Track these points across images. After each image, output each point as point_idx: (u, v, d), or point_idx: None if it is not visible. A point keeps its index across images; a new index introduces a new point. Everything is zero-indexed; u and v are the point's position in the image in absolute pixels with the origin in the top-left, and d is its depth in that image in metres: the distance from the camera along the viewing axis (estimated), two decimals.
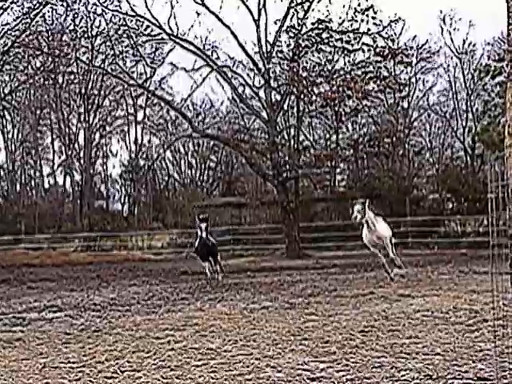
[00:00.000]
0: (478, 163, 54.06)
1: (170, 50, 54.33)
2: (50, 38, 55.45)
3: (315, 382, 10.09)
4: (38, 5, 54.95)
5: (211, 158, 65.01)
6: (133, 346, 13.57)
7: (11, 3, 54.96)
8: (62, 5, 54.77)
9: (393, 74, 49.36)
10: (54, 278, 31.48)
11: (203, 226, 24.57)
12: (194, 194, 60.59)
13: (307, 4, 43.77)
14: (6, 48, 56.20)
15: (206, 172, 66.34)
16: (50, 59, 55.41)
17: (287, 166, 45.04)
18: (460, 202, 45.43)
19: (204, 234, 24.60)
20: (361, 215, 23.08)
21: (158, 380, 10.71)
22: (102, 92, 59.08)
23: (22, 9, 55.16)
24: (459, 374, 10.09)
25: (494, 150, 43.09)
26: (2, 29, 56.75)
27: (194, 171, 66.14)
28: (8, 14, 55.48)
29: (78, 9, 55.54)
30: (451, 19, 59.63)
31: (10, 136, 61.32)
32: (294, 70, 44.42)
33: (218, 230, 27.86)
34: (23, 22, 55.65)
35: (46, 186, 62.28)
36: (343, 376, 10.36)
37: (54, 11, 56.49)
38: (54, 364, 12.35)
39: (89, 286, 26.20)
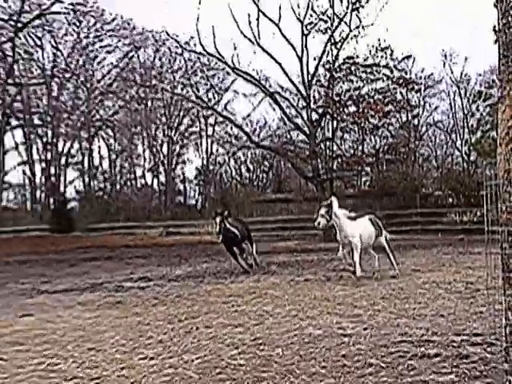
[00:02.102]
0: (473, 167, 53.66)
1: (233, 80, 54.60)
2: (143, 73, 55.95)
3: (346, 338, 10.10)
4: (134, 48, 55.67)
5: (265, 163, 64.93)
6: (205, 309, 13.65)
7: (115, 48, 55.68)
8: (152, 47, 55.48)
9: (406, 98, 49.12)
10: (145, 256, 31.63)
11: (218, 219, 20.89)
12: (251, 192, 60.61)
13: (339, 44, 43.82)
14: (110, 81, 56.84)
15: (261, 174, 66.30)
16: (141, 89, 55.88)
17: (324, 170, 45.01)
18: (458, 197, 45.11)
19: (217, 229, 20.70)
20: (325, 220, 17.43)
21: (225, 335, 10.78)
22: (181, 113, 59.34)
23: (122, 52, 55.90)
24: (458, 331, 10.07)
25: (485, 157, 42.90)
26: (108, 67, 57.53)
27: (251, 174, 66.13)
28: (112, 56, 56.22)
29: (164, 50, 55.98)
30: (451, 55, 59.10)
31: (112, 147, 61.91)
32: (329, 95, 44.41)
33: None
34: (123, 61, 56.28)
35: (139, 185, 62.68)
36: (368, 333, 10.37)
37: (146, 52, 57.13)
38: (145, 321, 12.48)
39: (171, 262, 26.33)
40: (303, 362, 8.74)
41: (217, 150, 61.91)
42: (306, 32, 44.10)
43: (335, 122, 46.03)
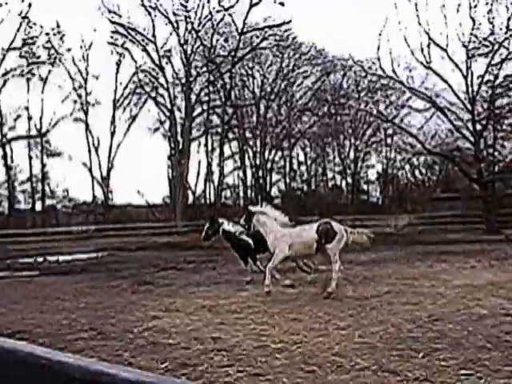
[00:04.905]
0: None
1: (409, 98, 53.67)
2: (333, 93, 56.16)
3: (509, 317, 9.79)
4: (325, 73, 56.10)
5: (434, 167, 63.39)
6: (387, 289, 13.58)
7: (310, 73, 56.51)
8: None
9: None
10: None
11: (205, 226, 17.31)
12: (424, 191, 59.65)
13: (500, 64, 42.39)
14: (306, 101, 57.60)
15: (432, 176, 64.81)
16: (332, 106, 56.12)
17: (487, 173, 43.62)
18: None
19: (203, 235, 17.24)
20: (245, 229, 14.57)
21: (404, 311, 10.71)
22: (365, 125, 59.02)
23: (316, 76, 56.49)
24: None
25: None
26: (305, 89, 58.39)
27: (423, 176, 64.80)
28: (307, 80, 57.03)
29: (350, 74, 56.07)
30: None
31: (308, 155, 62.61)
32: (491, 108, 43.06)
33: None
34: (316, 84, 56.88)
35: (330, 185, 62.98)
36: None
37: (335, 76, 57.40)
38: (338, 298, 12.57)
39: (357, 249, 26.08)
40: (471, 337, 8.56)
41: (394, 157, 61.04)
42: (470, 55, 43.08)
43: (496, 132, 44.42)
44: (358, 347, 8.25)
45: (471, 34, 42.85)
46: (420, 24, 43.33)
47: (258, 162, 58.05)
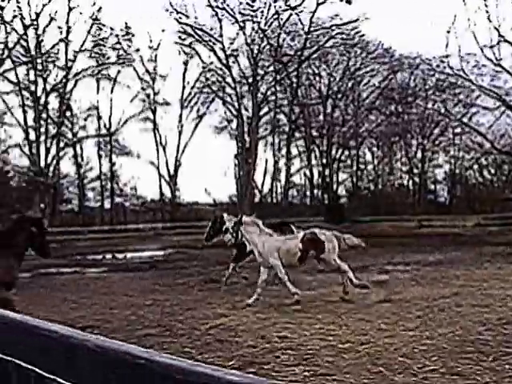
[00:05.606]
0: None
1: (478, 96, 52.80)
2: (400, 91, 55.75)
3: None
4: (392, 72, 55.63)
5: (504, 167, 62.03)
6: (455, 290, 13.42)
7: (377, 72, 56.09)
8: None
9: None
10: (403, 244, 30.74)
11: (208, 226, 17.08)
12: (492, 192, 58.50)
13: None
14: (373, 99, 57.32)
15: (501, 176, 63.40)
16: (399, 105, 55.72)
17: None
18: None
19: (205, 235, 17.10)
20: (232, 237, 14.10)
21: (473, 314, 10.57)
22: (432, 124, 58.18)
23: (383, 75, 56.04)
24: None
25: None
26: (371, 88, 57.99)
27: (490, 176, 63.39)
28: (374, 79, 56.74)
29: (417, 72, 55.40)
30: None
31: (375, 154, 62.18)
32: None
33: None
34: (383, 83, 56.45)
35: (396, 185, 62.37)
36: None
37: (402, 75, 56.80)
38: (405, 299, 12.48)
39: (425, 250, 25.81)
40: None
41: (462, 156, 59.96)
42: None
43: None
44: (426, 349, 8.19)
45: None
46: (490, 20, 42.60)
47: (324, 161, 57.98)
